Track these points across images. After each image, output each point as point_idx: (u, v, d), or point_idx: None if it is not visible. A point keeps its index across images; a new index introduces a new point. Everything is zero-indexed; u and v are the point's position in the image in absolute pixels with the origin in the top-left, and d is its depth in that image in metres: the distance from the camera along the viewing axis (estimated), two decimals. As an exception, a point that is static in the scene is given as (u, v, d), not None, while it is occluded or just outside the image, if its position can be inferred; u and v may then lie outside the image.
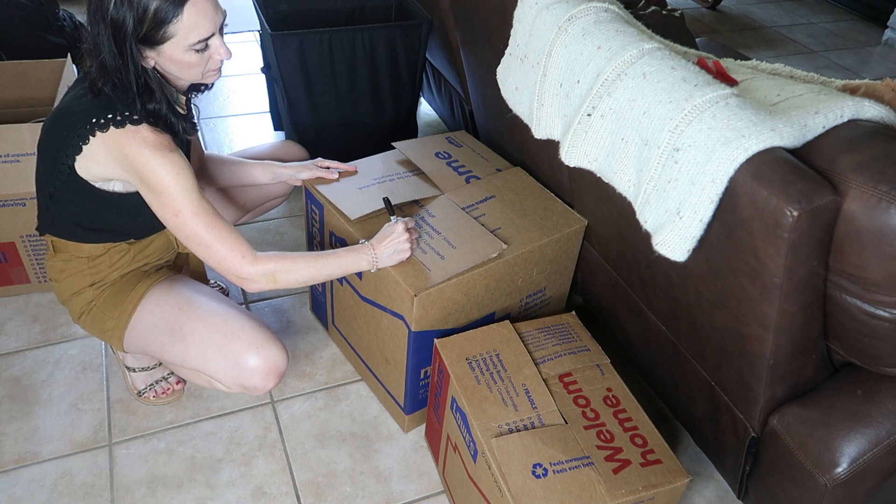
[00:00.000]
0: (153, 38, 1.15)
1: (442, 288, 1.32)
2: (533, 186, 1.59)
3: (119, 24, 1.11)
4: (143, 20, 1.12)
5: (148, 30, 1.13)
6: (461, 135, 1.75)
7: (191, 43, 1.16)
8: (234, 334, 1.35)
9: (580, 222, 1.51)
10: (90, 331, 1.44)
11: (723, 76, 1.30)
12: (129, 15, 1.11)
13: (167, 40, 1.15)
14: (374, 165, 1.62)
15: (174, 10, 1.13)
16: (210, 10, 1.17)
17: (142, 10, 1.11)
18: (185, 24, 1.14)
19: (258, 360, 1.34)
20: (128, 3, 1.10)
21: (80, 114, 1.20)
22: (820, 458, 1.12)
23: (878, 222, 0.96)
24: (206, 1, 1.17)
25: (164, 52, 1.17)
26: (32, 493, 1.39)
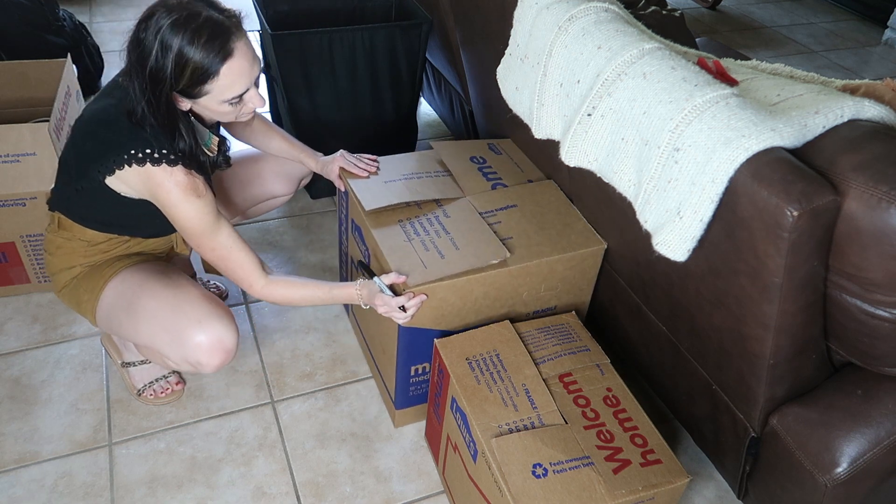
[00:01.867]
0: (189, 93, 1.19)
1: (434, 287, 1.32)
2: (559, 202, 1.54)
3: (157, 75, 1.15)
4: (181, 76, 1.15)
5: (185, 86, 1.17)
6: (506, 143, 1.73)
7: (226, 99, 1.21)
8: (180, 309, 1.34)
9: (599, 244, 1.45)
10: (68, 303, 1.45)
11: (723, 76, 1.30)
12: (168, 68, 1.14)
13: (203, 95, 1.20)
14: (409, 162, 1.62)
15: (213, 70, 1.16)
16: (247, 67, 1.20)
17: (180, 68, 1.14)
18: (222, 84, 1.18)
19: (201, 336, 1.32)
20: (169, 57, 1.13)
21: (119, 138, 1.22)
22: (820, 458, 1.12)
23: (878, 222, 0.96)
24: (244, 59, 1.19)
25: (200, 102, 1.22)
26: (32, 493, 1.39)
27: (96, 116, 1.27)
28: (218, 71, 1.16)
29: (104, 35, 2.99)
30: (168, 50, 1.12)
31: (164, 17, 1.13)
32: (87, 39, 2.60)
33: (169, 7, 1.14)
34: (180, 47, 1.12)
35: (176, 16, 1.13)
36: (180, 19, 1.12)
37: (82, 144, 1.29)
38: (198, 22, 1.13)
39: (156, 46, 1.12)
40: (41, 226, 1.68)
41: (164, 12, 1.13)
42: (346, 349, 1.75)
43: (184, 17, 1.13)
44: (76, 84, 1.89)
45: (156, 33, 1.12)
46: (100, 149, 1.25)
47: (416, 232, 1.41)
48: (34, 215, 1.66)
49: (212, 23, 1.14)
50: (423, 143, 2.46)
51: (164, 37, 1.12)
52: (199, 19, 1.13)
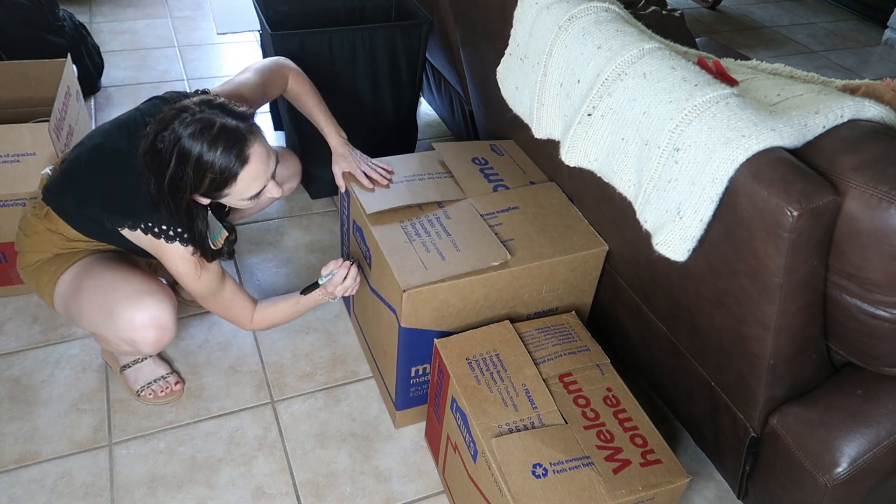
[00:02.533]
0: (208, 196, 1.25)
1: (434, 288, 1.32)
2: (561, 204, 1.54)
3: (177, 184, 1.20)
4: (200, 183, 1.20)
5: (205, 191, 1.22)
6: (508, 144, 1.73)
7: (245, 197, 1.27)
8: (113, 287, 1.35)
9: (600, 246, 1.45)
10: (28, 281, 1.46)
11: (723, 76, 1.30)
12: (187, 177, 1.18)
13: (223, 197, 1.26)
14: (411, 163, 1.62)
15: (232, 176, 1.21)
16: (262, 168, 1.24)
17: (200, 176, 1.19)
18: (240, 187, 1.23)
19: (132, 312, 1.33)
20: (187, 167, 1.17)
21: (137, 204, 1.27)
22: (820, 458, 1.12)
23: (878, 222, 0.96)
24: (260, 162, 1.23)
25: (225, 200, 1.28)
26: (32, 493, 1.39)
27: (124, 161, 1.28)
28: (236, 176, 1.21)
29: (104, 35, 2.99)
30: (187, 160, 1.17)
31: (181, 126, 1.16)
32: (87, 39, 2.60)
33: (184, 118, 1.17)
34: (199, 156, 1.17)
35: (193, 127, 1.16)
36: (197, 130, 1.16)
37: (101, 180, 1.31)
38: (214, 132, 1.17)
39: (174, 157, 1.17)
40: (41, 226, 1.68)
41: (181, 124, 1.17)
42: (346, 349, 1.75)
43: (199, 127, 1.16)
44: (76, 84, 1.89)
45: (173, 144, 1.16)
46: (117, 203, 1.29)
47: (418, 233, 1.42)
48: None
49: (227, 131, 1.18)
50: (424, 143, 2.46)
51: (182, 147, 1.16)
52: (214, 128, 1.17)
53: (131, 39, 3.00)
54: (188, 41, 3.03)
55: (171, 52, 2.93)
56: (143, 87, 2.68)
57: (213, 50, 2.98)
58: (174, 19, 3.20)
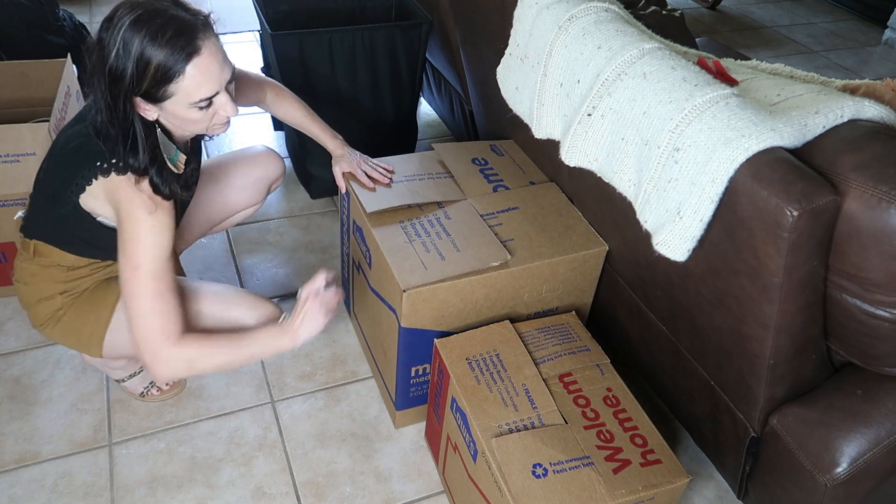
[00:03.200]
0: (153, 95, 1.11)
1: (434, 288, 1.32)
2: (561, 204, 1.54)
3: (117, 76, 1.08)
4: (143, 77, 1.08)
5: (148, 87, 1.09)
6: (507, 144, 1.72)
7: (193, 101, 1.14)
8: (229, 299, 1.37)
9: (600, 246, 1.45)
10: (58, 339, 1.38)
11: (723, 76, 1.30)
12: (128, 68, 1.07)
13: (168, 98, 1.12)
14: (411, 163, 1.61)
15: (176, 69, 1.09)
16: (215, 69, 1.14)
17: (142, 66, 1.07)
18: (188, 84, 1.11)
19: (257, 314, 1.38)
20: (129, 56, 1.06)
21: (87, 154, 1.17)
22: (820, 458, 1.12)
23: (878, 222, 0.96)
24: (212, 59, 1.13)
25: (166, 108, 1.14)
26: (32, 493, 1.39)
27: (68, 141, 1.23)
28: (183, 70, 1.09)
29: (104, 35, 2.99)
30: (129, 48, 1.05)
31: (127, 14, 1.06)
32: (87, 39, 2.59)
33: (132, 5, 1.07)
34: (142, 45, 1.05)
35: (139, 12, 1.06)
36: (143, 16, 1.06)
37: (55, 168, 1.25)
38: (162, 18, 1.07)
39: (117, 45, 1.06)
40: (41, 226, 1.68)
41: (126, 10, 1.07)
42: (346, 349, 1.75)
43: (147, 14, 1.06)
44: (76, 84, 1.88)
45: (117, 31, 1.06)
46: (71, 169, 1.20)
47: (417, 233, 1.42)
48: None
49: (177, 20, 1.08)
50: (423, 143, 2.46)
51: (125, 35, 1.05)
52: (163, 16, 1.07)
53: (131, 39, 3.00)
54: (188, 41, 3.02)
55: (171, 52, 2.93)
56: (143, 87, 2.68)
57: (213, 50, 2.97)
58: (174, 19, 3.19)
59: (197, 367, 1.25)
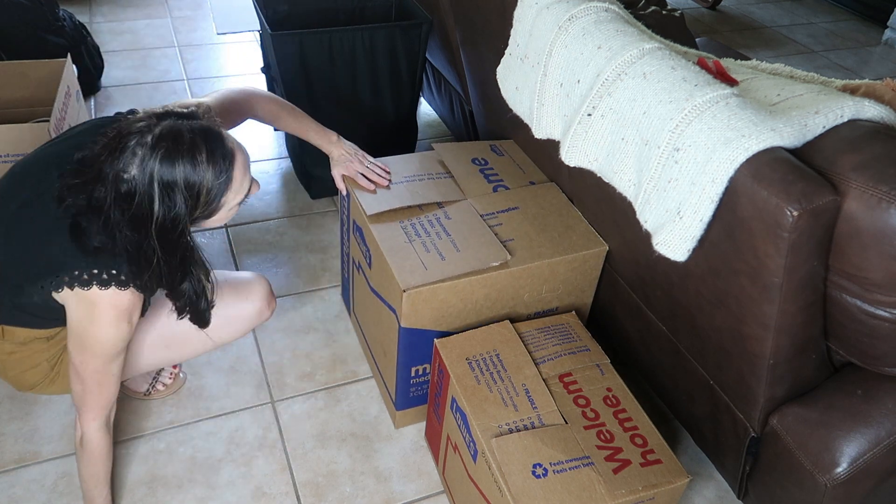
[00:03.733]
0: (205, 215, 1.07)
1: (434, 288, 1.32)
2: (561, 204, 1.54)
3: (171, 223, 1.00)
4: (196, 206, 1.03)
5: (201, 211, 1.05)
6: (507, 144, 1.72)
7: (238, 201, 1.11)
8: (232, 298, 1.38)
9: (600, 246, 1.45)
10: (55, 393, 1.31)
11: (723, 76, 1.30)
12: (181, 208, 1.00)
13: (220, 209, 1.08)
14: (411, 163, 1.61)
15: (227, 180, 1.04)
16: (245, 159, 1.10)
17: (194, 197, 1.01)
18: (235, 187, 1.07)
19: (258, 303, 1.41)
20: (176, 195, 0.99)
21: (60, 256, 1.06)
22: (820, 458, 1.12)
23: (878, 222, 0.96)
24: (239, 151, 1.09)
25: (215, 217, 1.10)
26: (32, 493, 1.39)
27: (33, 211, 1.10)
28: (230, 179, 1.05)
29: (104, 35, 2.99)
30: (172, 188, 0.97)
31: (150, 156, 0.96)
32: (87, 39, 2.60)
33: (146, 144, 0.97)
34: (185, 177, 0.98)
35: (162, 147, 0.96)
36: (169, 149, 0.97)
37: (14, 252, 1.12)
38: (187, 140, 0.98)
39: (157, 192, 0.97)
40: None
41: (145, 152, 0.97)
42: (346, 349, 1.75)
43: (170, 144, 0.97)
44: (76, 84, 1.89)
45: (152, 179, 0.96)
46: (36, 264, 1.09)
47: (417, 233, 1.42)
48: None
49: (198, 132, 1.00)
50: (423, 143, 2.46)
51: (162, 176, 0.97)
52: (185, 137, 0.98)
53: (131, 39, 3.00)
54: (188, 41, 3.03)
55: (171, 52, 2.93)
56: (142, 87, 2.69)
57: (212, 50, 2.98)
58: (174, 19, 3.20)
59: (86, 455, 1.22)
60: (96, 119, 1.20)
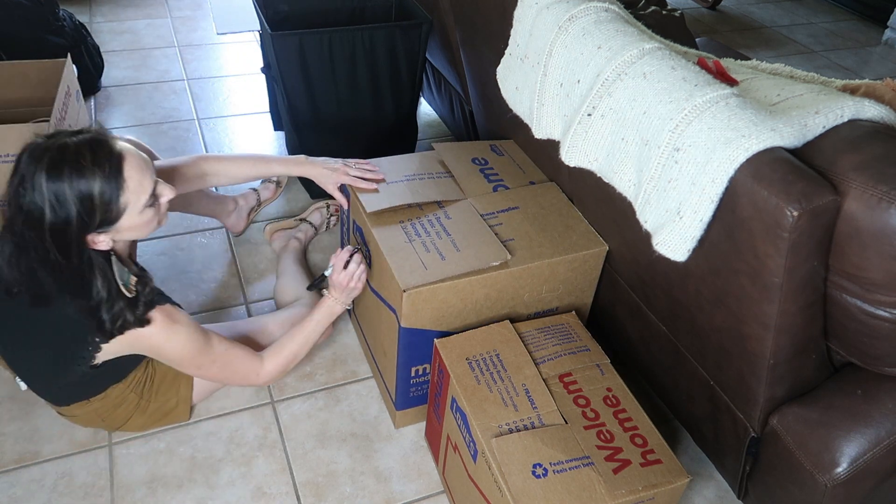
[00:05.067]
0: (107, 221, 1.08)
1: (434, 288, 1.31)
2: (561, 204, 1.54)
3: (61, 227, 1.03)
4: (92, 211, 1.05)
5: (100, 217, 1.06)
6: (507, 144, 1.72)
7: (144, 203, 1.11)
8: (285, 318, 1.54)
9: (600, 246, 1.45)
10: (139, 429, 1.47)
11: (723, 76, 1.30)
12: (72, 213, 1.02)
13: (122, 215, 1.09)
14: (410, 163, 1.61)
15: (118, 183, 1.06)
16: (142, 160, 1.11)
17: (87, 202, 1.03)
18: (132, 188, 1.08)
19: None
20: (67, 202, 1.02)
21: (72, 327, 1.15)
22: (820, 458, 1.12)
23: (878, 222, 0.96)
24: (133, 154, 1.10)
25: (121, 226, 1.10)
26: (32, 493, 1.39)
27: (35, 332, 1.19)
28: (122, 179, 1.06)
29: (104, 35, 2.99)
30: (63, 195, 1.01)
31: (37, 169, 1.01)
32: (87, 39, 2.60)
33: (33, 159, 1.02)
34: (73, 184, 1.02)
35: (46, 159, 1.01)
36: (53, 159, 1.02)
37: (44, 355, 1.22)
38: (71, 150, 1.03)
39: (48, 200, 1.01)
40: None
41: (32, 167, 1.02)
42: (346, 349, 1.75)
43: (55, 155, 1.02)
44: (76, 84, 1.89)
45: (40, 189, 1.01)
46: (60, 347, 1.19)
47: (417, 233, 1.42)
48: (34, 215, 1.65)
49: (83, 143, 1.05)
50: (424, 143, 2.46)
51: (50, 186, 1.01)
52: (70, 148, 1.03)
53: (131, 39, 3.00)
54: (188, 41, 3.03)
55: (171, 52, 2.93)
56: (143, 87, 2.69)
57: (213, 50, 2.98)
58: (174, 19, 3.20)
59: (288, 366, 1.43)
60: None
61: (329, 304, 1.43)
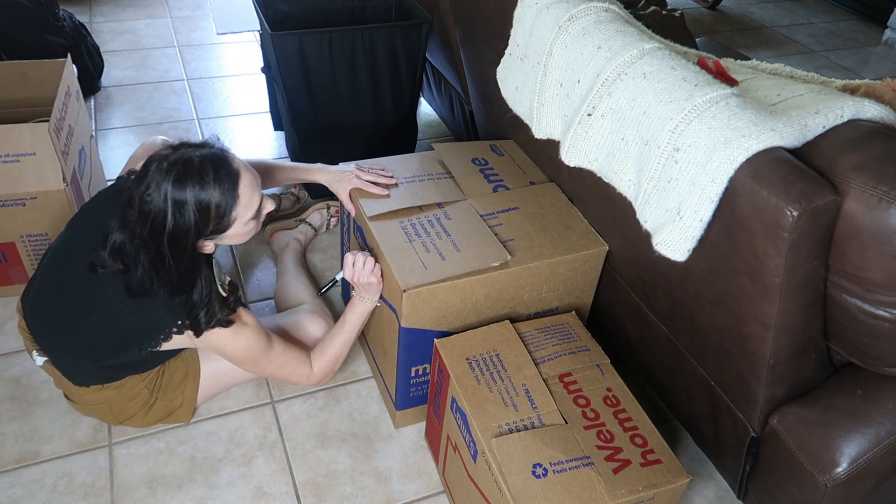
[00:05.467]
0: (219, 229, 1.20)
1: (434, 288, 1.31)
2: (561, 204, 1.54)
3: (180, 234, 1.15)
4: (206, 221, 1.17)
5: (213, 226, 1.19)
6: (508, 144, 1.72)
7: (251, 216, 1.24)
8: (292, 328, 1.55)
9: (600, 246, 1.45)
10: (142, 425, 1.48)
11: (723, 76, 1.30)
12: (190, 221, 1.14)
13: (231, 225, 1.21)
14: (411, 164, 1.61)
15: (232, 197, 1.18)
16: (253, 178, 1.23)
17: (203, 212, 1.15)
18: (243, 204, 1.20)
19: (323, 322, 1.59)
20: (187, 210, 1.14)
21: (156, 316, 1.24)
22: (820, 458, 1.12)
23: (878, 222, 0.96)
24: (247, 171, 1.22)
25: (228, 234, 1.23)
26: (32, 493, 1.39)
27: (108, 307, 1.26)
28: (236, 196, 1.18)
29: (104, 35, 2.99)
30: (184, 204, 1.13)
31: (164, 179, 1.13)
32: (87, 39, 2.60)
33: (161, 169, 1.14)
34: (195, 195, 1.14)
35: (174, 171, 1.13)
36: (180, 172, 1.13)
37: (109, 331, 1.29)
38: (196, 164, 1.15)
39: (170, 208, 1.13)
40: (41, 226, 1.68)
41: (159, 176, 1.13)
42: (346, 349, 1.75)
43: (181, 167, 1.14)
44: (76, 84, 1.88)
45: (165, 197, 1.13)
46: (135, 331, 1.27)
47: (417, 233, 1.42)
48: (34, 215, 1.66)
49: (207, 158, 1.16)
50: (424, 143, 2.46)
51: (174, 196, 1.13)
52: (195, 162, 1.15)
53: (131, 39, 3.00)
54: (188, 41, 3.03)
55: (171, 52, 2.93)
56: (143, 87, 2.69)
57: (212, 50, 2.98)
58: (174, 19, 3.20)
59: (334, 367, 1.51)
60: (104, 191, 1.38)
61: (356, 303, 1.46)
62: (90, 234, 1.27)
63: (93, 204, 1.37)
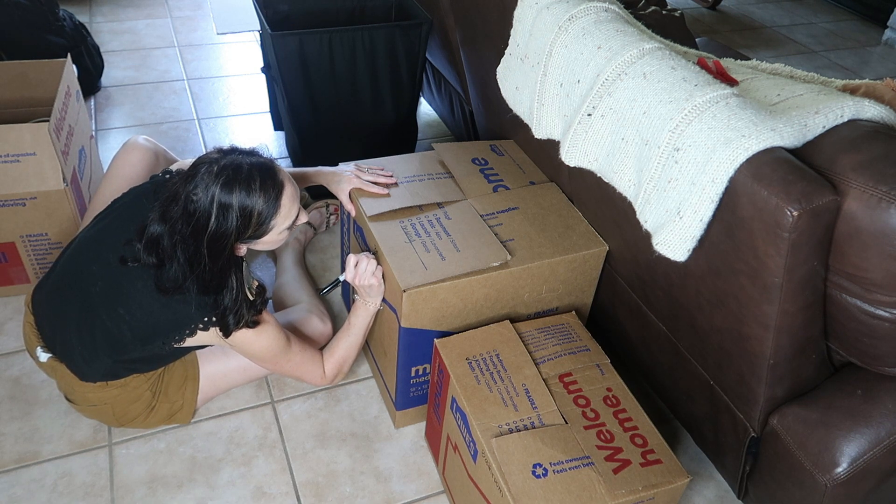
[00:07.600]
0: (256, 235, 1.24)
1: (434, 288, 1.32)
2: (561, 204, 1.54)
3: (220, 236, 1.18)
4: (247, 226, 1.20)
5: (252, 232, 1.22)
6: (507, 144, 1.72)
7: (286, 226, 1.27)
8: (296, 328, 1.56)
9: (600, 246, 1.45)
10: (144, 426, 1.49)
11: (723, 76, 1.30)
12: (231, 224, 1.18)
13: (268, 232, 1.25)
14: (411, 164, 1.61)
15: (275, 207, 1.22)
16: (294, 191, 1.27)
17: (246, 218, 1.19)
18: (282, 215, 1.24)
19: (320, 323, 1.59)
20: (230, 214, 1.17)
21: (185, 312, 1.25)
22: (820, 458, 1.12)
23: (878, 222, 0.96)
24: (290, 184, 1.25)
25: (263, 240, 1.27)
26: (32, 493, 1.39)
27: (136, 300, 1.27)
28: (278, 207, 1.22)
29: (104, 35, 2.99)
30: (228, 208, 1.16)
31: (213, 182, 1.16)
32: (87, 39, 2.60)
33: (211, 172, 1.17)
34: (240, 200, 1.17)
35: (223, 176, 1.16)
36: (229, 176, 1.16)
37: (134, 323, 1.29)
38: (245, 172, 1.18)
39: (215, 210, 1.16)
40: (41, 226, 1.68)
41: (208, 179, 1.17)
42: (346, 349, 1.75)
43: (230, 173, 1.17)
44: (76, 84, 1.89)
45: (211, 199, 1.16)
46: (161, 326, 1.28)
47: (417, 233, 1.42)
48: (34, 215, 1.66)
49: (255, 167, 1.20)
50: (424, 143, 2.46)
51: (221, 198, 1.16)
52: (244, 170, 1.18)
53: (131, 39, 3.00)
54: (188, 41, 3.03)
55: (171, 52, 2.93)
56: (143, 87, 2.69)
57: (213, 50, 2.98)
58: (174, 19, 3.20)
59: (343, 369, 1.52)
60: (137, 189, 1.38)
61: (360, 306, 1.46)
62: (120, 228, 1.29)
63: (123, 200, 1.37)
